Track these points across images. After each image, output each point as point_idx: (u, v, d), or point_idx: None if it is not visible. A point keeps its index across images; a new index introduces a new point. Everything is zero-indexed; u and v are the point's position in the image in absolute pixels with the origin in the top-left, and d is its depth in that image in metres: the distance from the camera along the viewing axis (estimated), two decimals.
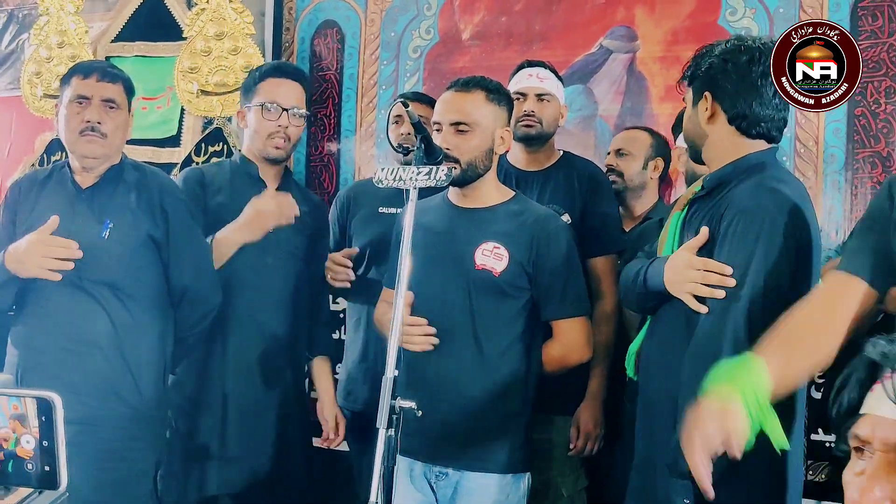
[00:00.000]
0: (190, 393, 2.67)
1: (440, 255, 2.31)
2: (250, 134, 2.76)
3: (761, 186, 1.90)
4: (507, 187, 2.53)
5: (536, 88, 2.80)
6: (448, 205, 2.40)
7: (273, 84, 2.72)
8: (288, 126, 2.70)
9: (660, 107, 3.23)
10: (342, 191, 3.21)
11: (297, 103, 2.73)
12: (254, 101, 2.72)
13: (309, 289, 2.82)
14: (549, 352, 2.36)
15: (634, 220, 3.05)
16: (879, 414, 1.00)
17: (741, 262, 1.86)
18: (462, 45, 3.58)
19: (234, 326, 2.66)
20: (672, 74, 3.06)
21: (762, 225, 1.84)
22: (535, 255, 2.30)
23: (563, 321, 2.35)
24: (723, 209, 1.92)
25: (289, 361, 2.77)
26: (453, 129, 2.30)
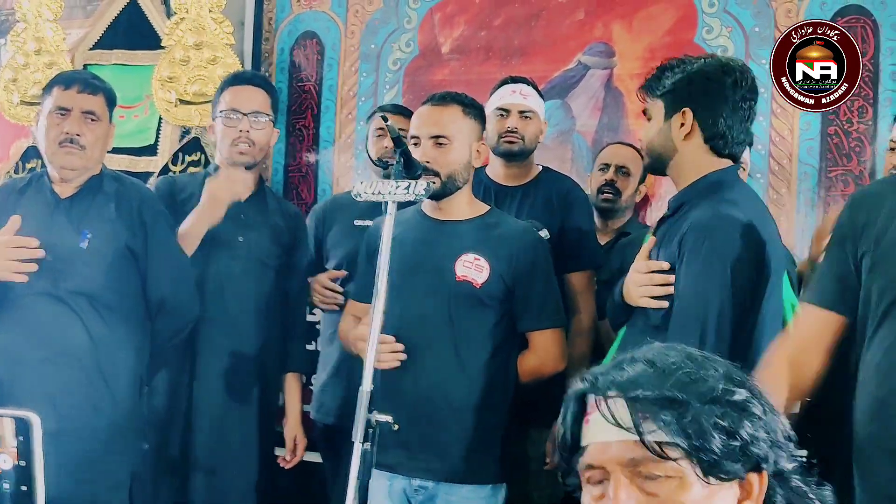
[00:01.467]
0: (160, 404, 2.69)
1: (418, 266, 2.33)
2: (219, 143, 2.79)
3: (712, 208, 1.98)
4: (485, 201, 2.57)
5: (520, 105, 2.84)
6: (423, 217, 2.42)
7: (233, 92, 2.77)
8: (249, 130, 2.72)
9: (636, 122, 3.27)
10: (318, 205, 3.23)
11: (259, 107, 2.76)
12: (219, 110, 2.77)
13: (283, 301, 2.82)
14: (524, 362, 2.39)
15: (608, 234, 3.09)
16: (604, 440, 1.09)
17: (693, 277, 1.93)
18: (441, 58, 3.61)
19: (202, 337, 2.67)
20: None
21: (712, 243, 1.92)
22: (514, 267, 2.34)
23: (540, 332, 2.39)
24: (684, 229, 1.99)
25: (258, 373, 2.77)
26: (433, 142, 2.34)
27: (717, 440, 1.05)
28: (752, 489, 1.10)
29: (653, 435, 1.06)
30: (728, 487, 1.08)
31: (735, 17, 3.20)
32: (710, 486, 1.06)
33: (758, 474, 1.10)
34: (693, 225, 1.96)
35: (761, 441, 1.07)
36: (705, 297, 1.92)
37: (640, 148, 2.18)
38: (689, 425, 1.05)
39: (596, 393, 1.12)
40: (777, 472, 1.11)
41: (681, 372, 1.09)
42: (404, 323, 2.31)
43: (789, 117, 3.11)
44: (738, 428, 1.06)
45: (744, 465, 1.08)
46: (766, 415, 1.09)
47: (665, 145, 2.08)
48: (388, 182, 2.01)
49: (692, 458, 1.05)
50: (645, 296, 2.04)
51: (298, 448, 2.84)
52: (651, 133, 2.11)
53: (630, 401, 1.08)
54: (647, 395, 1.07)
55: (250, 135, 2.72)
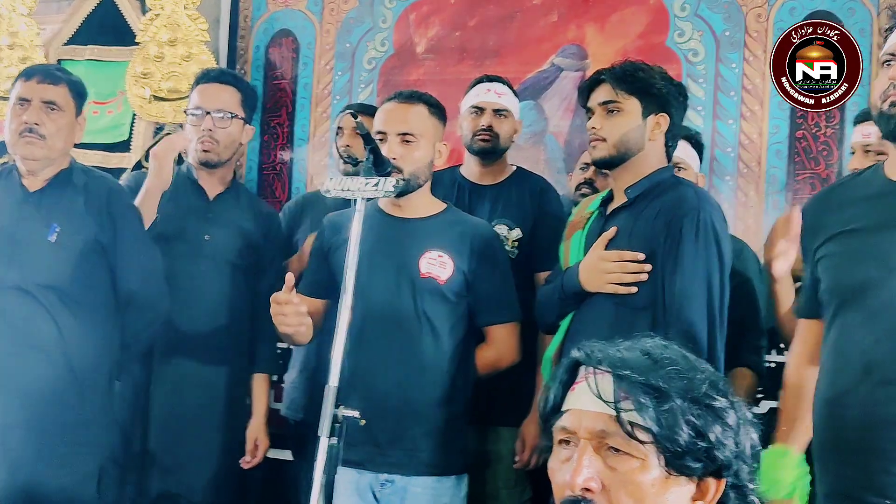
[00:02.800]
0: (126, 400, 2.67)
1: (381, 263, 2.36)
2: (189, 141, 2.80)
3: (692, 195, 2.19)
4: (459, 199, 2.60)
5: (494, 104, 2.86)
6: (381, 214, 2.44)
7: (201, 90, 2.78)
8: (213, 129, 2.71)
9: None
10: (288, 202, 3.24)
11: (224, 105, 2.75)
12: (188, 109, 2.79)
13: (252, 301, 2.80)
14: (483, 355, 2.45)
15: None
16: (582, 408, 1.16)
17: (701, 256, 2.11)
18: (416, 58, 3.64)
19: (166, 336, 2.66)
20: None
21: (713, 224, 2.14)
22: (475, 263, 2.40)
23: (498, 326, 2.45)
24: (667, 215, 2.15)
25: (223, 372, 2.77)
26: (399, 139, 2.37)
27: (685, 435, 1.11)
28: (707, 491, 1.15)
29: (628, 414, 1.12)
30: (685, 483, 1.13)
31: (706, 20, 3.25)
32: (669, 477, 1.12)
33: (716, 480, 1.15)
34: (684, 209, 2.14)
35: (727, 448, 1.13)
36: (708, 277, 2.11)
37: (603, 139, 2.25)
38: (664, 415, 1.11)
39: (588, 363, 1.18)
40: (737, 484, 1.16)
41: (672, 367, 1.15)
42: (369, 319, 2.33)
43: (758, 121, 3.17)
44: (708, 430, 1.12)
45: (705, 466, 1.13)
46: (738, 427, 1.15)
47: (637, 142, 2.24)
48: (356, 179, 2.02)
49: (658, 445, 1.11)
50: (614, 282, 2.17)
51: (259, 449, 2.82)
52: (626, 128, 2.23)
53: (617, 378, 1.14)
54: (634, 377, 1.13)
55: (214, 133, 2.72)
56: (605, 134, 2.25)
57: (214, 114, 2.73)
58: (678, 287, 2.12)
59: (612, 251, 2.21)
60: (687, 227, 2.13)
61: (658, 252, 2.15)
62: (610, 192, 2.39)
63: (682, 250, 2.12)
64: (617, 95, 2.23)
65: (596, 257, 2.23)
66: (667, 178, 2.28)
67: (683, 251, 2.12)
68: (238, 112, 2.79)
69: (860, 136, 2.63)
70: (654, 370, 1.13)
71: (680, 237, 2.13)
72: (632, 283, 2.17)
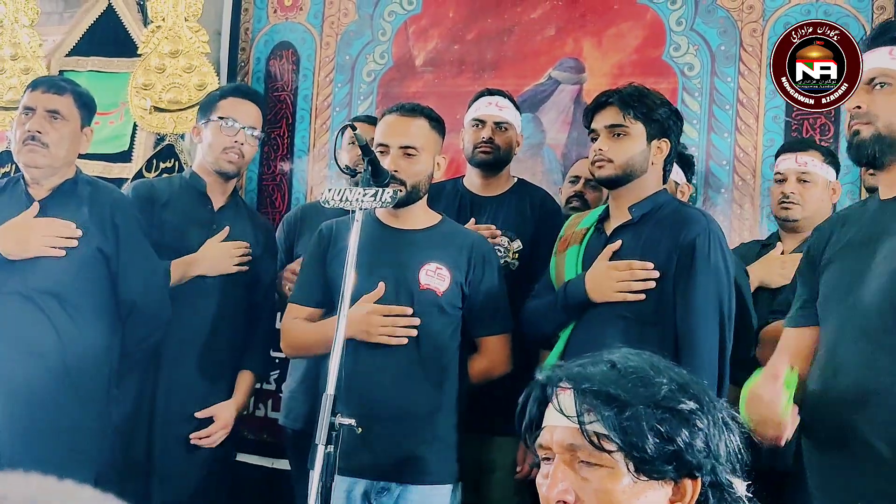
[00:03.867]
0: (127, 409, 2.69)
1: (381, 273, 2.38)
2: (205, 148, 2.83)
3: (699, 216, 2.31)
4: (460, 211, 2.64)
5: (495, 116, 2.91)
6: (378, 224, 2.47)
7: (234, 102, 2.83)
8: (244, 143, 2.79)
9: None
10: (288, 214, 3.27)
11: (255, 124, 2.85)
12: (213, 115, 2.81)
13: (250, 308, 2.85)
14: (475, 365, 2.50)
15: None
16: (553, 424, 1.21)
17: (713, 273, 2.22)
18: (415, 70, 3.67)
19: (168, 344, 2.69)
20: None
21: (721, 243, 2.27)
22: (472, 275, 2.44)
23: (491, 338, 2.50)
24: (680, 233, 2.26)
25: (223, 384, 2.80)
26: (402, 151, 2.40)
27: (650, 441, 1.14)
28: (685, 493, 1.18)
29: (592, 426, 1.16)
30: (659, 487, 1.16)
31: (702, 35, 3.29)
32: (640, 482, 1.15)
33: (692, 480, 1.18)
34: (696, 228, 2.26)
35: (697, 450, 1.16)
36: (719, 295, 2.21)
37: (610, 160, 2.34)
38: (626, 422, 1.14)
39: (551, 383, 1.22)
40: (714, 483, 1.18)
41: (634, 376, 1.18)
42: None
43: (753, 134, 3.19)
44: (675, 434, 1.15)
45: (677, 469, 1.16)
46: (710, 428, 1.18)
47: (642, 165, 2.36)
48: (355, 189, 2.06)
49: (625, 452, 1.14)
50: (622, 290, 2.26)
51: (220, 432, 2.72)
52: (632, 152, 2.35)
53: (579, 392, 1.18)
54: (594, 389, 1.17)
55: (243, 147, 2.79)
56: (612, 156, 2.35)
57: (247, 129, 2.80)
58: (692, 305, 2.21)
59: (621, 261, 2.30)
60: (700, 246, 2.23)
61: (668, 269, 2.25)
62: (606, 209, 2.46)
63: (696, 268, 2.22)
64: (624, 119, 2.33)
65: (604, 266, 2.31)
66: (667, 199, 2.41)
67: (697, 269, 2.22)
68: (259, 128, 2.88)
69: (794, 164, 2.75)
70: (616, 380, 1.16)
71: (693, 256, 2.22)
72: (639, 291, 2.25)
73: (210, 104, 2.86)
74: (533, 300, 2.53)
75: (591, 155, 2.43)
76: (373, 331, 2.32)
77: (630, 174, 2.35)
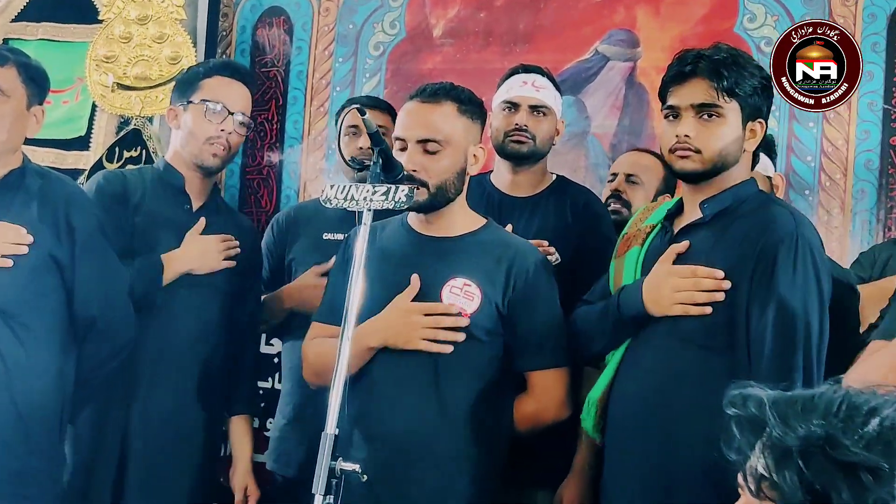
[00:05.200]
0: (86, 447, 2.70)
1: (400, 289, 2.36)
2: (184, 136, 2.81)
3: (789, 216, 2.21)
4: (486, 214, 2.61)
5: (531, 99, 2.88)
6: (408, 231, 2.46)
7: (221, 82, 2.81)
8: (231, 132, 2.78)
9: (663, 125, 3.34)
10: (279, 214, 3.25)
11: (244, 109, 2.82)
12: (195, 97, 2.79)
13: (232, 331, 2.85)
14: (521, 408, 2.42)
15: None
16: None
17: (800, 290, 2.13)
18: (432, 43, 3.69)
19: (140, 371, 2.70)
20: None
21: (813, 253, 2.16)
22: (512, 294, 2.38)
23: (540, 372, 2.42)
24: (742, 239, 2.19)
25: (202, 415, 2.81)
26: (421, 147, 2.36)
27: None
28: None
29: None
30: None
31: (782, 3, 3.28)
32: None
33: None
34: (779, 234, 2.16)
35: None
36: (807, 317, 2.12)
37: (697, 150, 2.24)
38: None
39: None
40: None
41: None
42: (378, 356, 2.36)
43: (844, 124, 3.18)
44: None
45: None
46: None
47: (735, 155, 2.26)
48: (363, 186, 2.04)
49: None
50: (684, 302, 2.19)
51: (251, 499, 2.87)
52: (726, 139, 2.23)
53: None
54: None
55: (230, 137, 2.78)
56: (700, 144, 2.23)
57: (236, 115, 2.79)
58: (770, 328, 2.12)
59: (684, 266, 2.22)
60: (783, 256, 2.14)
61: (743, 283, 2.16)
62: (678, 202, 2.40)
63: (777, 283, 2.13)
64: (718, 97, 2.21)
65: (664, 272, 2.24)
66: (752, 193, 2.29)
67: (778, 284, 2.13)
68: (248, 114, 2.86)
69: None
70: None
71: (773, 267, 2.14)
72: (706, 304, 2.18)
73: (191, 83, 2.82)
74: (582, 306, 2.47)
75: (665, 139, 2.30)
76: (413, 334, 2.29)
77: (721, 167, 2.25)
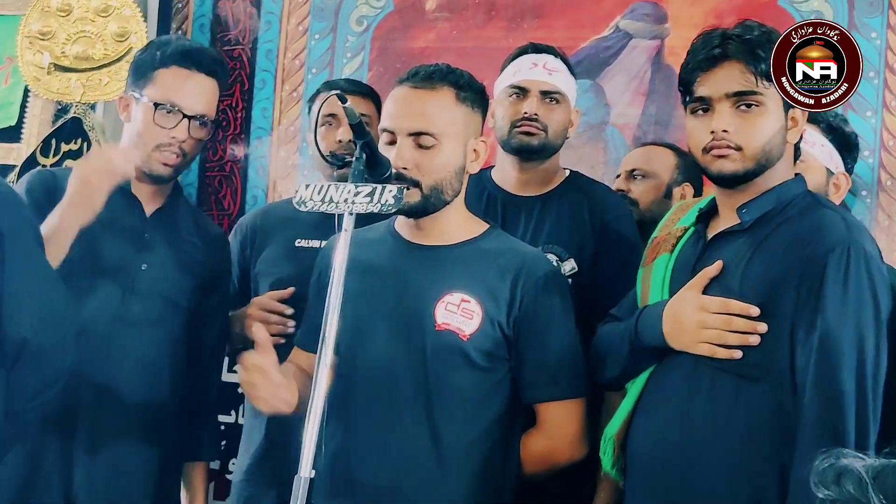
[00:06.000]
0: (14, 492, 2.62)
1: (386, 307, 2.36)
2: (132, 136, 2.76)
3: (840, 223, 2.17)
4: (487, 216, 2.63)
5: (542, 84, 2.88)
6: (396, 238, 2.45)
7: (178, 76, 2.73)
8: (185, 140, 2.71)
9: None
10: (244, 218, 3.26)
11: (206, 109, 2.75)
12: (147, 92, 2.73)
13: (195, 356, 2.85)
14: (530, 446, 2.41)
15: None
16: None
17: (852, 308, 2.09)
18: (425, 17, 3.69)
19: (83, 404, 2.66)
20: None
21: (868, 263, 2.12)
22: (519, 312, 2.37)
23: (552, 404, 2.41)
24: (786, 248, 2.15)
25: (157, 456, 2.78)
26: (413, 140, 2.35)
27: None
28: None
29: None
30: None
31: None
32: None
33: None
34: (828, 242, 2.12)
35: None
36: (860, 338, 2.08)
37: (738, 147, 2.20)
38: None
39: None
40: None
41: None
42: (360, 386, 2.35)
43: None
44: None
45: None
46: None
47: (779, 149, 2.24)
48: (344, 186, 2.04)
49: None
50: (711, 342, 2.15)
51: None
52: (770, 132, 2.22)
53: None
54: None
55: (185, 144, 2.72)
56: (742, 140, 2.19)
57: (194, 120, 2.71)
58: (816, 353, 2.08)
59: (714, 298, 2.17)
60: (832, 268, 2.10)
61: (786, 300, 2.13)
62: (711, 201, 2.37)
63: (825, 300, 2.09)
64: (757, 83, 2.18)
65: (691, 305, 2.19)
66: (798, 194, 2.26)
67: (827, 301, 2.09)
68: (213, 115, 2.79)
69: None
70: None
71: (822, 282, 2.10)
72: (737, 347, 2.12)
73: (144, 70, 2.76)
74: (608, 322, 2.45)
75: (697, 137, 2.26)
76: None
77: (765, 164, 2.22)
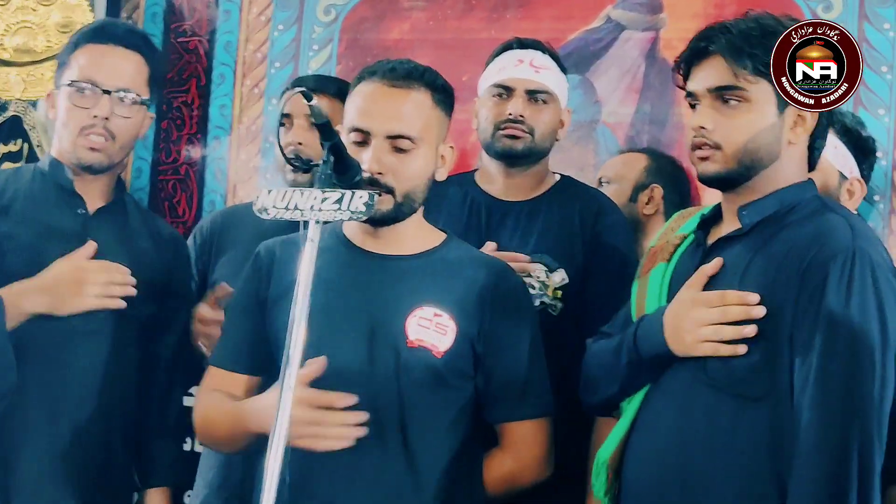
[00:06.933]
0: None
1: (348, 324, 2.37)
2: (58, 129, 2.80)
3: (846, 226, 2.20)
4: (469, 222, 2.80)
5: (528, 82, 2.91)
6: (348, 247, 2.46)
7: (92, 53, 2.77)
8: (110, 116, 2.71)
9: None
10: (203, 220, 3.28)
11: (129, 83, 2.76)
12: (65, 77, 2.77)
13: (149, 370, 2.84)
14: (495, 466, 2.44)
15: None
16: None
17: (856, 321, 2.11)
18: (399, 6, 3.76)
19: (23, 429, 2.65)
20: None
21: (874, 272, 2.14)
22: (488, 327, 2.41)
23: (520, 424, 2.45)
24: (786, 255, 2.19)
25: (107, 485, 2.77)
26: (390, 143, 2.36)
27: None
28: None
29: None
30: None
31: None
32: None
33: None
34: (829, 249, 2.15)
35: None
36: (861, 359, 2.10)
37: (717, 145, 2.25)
38: None
39: None
40: None
41: None
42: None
43: None
44: None
45: None
46: None
47: (771, 149, 2.27)
48: (309, 192, 2.04)
49: None
50: (711, 339, 2.17)
51: None
52: (754, 129, 2.25)
53: None
54: None
55: (110, 123, 2.71)
56: (719, 138, 2.24)
57: (116, 94, 2.72)
58: (814, 370, 2.09)
59: (711, 292, 2.21)
60: (834, 276, 2.12)
61: (785, 313, 2.14)
62: (716, 208, 2.39)
63: (825, 312, 2.10)
64: (737, 77, 2.22)
65: (688, 299, 2.24)
66: (806, 198, 2.29)
67: (826, 313, 2.10)
68: (144, 93, 2.79)
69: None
70: None
71: (822, 292, 2.12)
72: (737, 342, 2.16)
73: (65, 57, 2.81)
74: (600, 340, 2.47)
75: (687, 133, 2.33)
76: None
77: (751, 166, 2.26)
